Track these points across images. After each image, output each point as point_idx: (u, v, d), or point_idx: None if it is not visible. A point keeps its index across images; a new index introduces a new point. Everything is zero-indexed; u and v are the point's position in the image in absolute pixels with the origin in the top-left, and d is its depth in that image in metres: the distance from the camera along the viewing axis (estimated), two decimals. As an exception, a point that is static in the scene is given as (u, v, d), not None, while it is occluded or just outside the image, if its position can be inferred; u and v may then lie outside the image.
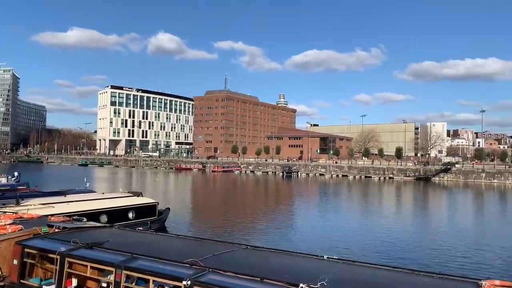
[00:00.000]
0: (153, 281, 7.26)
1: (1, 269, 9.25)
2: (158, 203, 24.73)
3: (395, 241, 22.98)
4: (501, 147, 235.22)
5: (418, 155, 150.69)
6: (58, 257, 8.45)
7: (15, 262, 9.16)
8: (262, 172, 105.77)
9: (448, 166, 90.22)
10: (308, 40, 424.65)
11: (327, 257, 8.56)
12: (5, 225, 10.65)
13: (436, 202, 50.80)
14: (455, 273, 10.12)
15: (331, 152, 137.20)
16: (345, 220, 32.04)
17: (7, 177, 37.85)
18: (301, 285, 6.19)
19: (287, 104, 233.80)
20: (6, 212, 14.02)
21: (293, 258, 9.00)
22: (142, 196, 25.74)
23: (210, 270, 7.12)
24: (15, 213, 13.59)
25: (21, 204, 17.75)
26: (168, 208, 26.94)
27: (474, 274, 13.66)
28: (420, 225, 31.16)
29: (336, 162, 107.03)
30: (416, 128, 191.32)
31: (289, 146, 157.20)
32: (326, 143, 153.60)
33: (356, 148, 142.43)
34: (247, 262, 8.00)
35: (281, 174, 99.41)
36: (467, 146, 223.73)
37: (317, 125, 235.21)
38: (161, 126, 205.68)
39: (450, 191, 65.13)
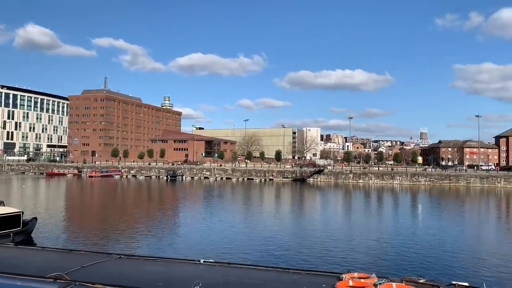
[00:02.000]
0: None
1: None
2: (22, 212, 22.29)
3: (274, 240, 24.14)
4: (366, 150, 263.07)
5: (296, 157, 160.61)
6: None
7: None
8: (145, 176, 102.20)
9: (321, 168, 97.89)
10: (193, 43, 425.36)
11: (203, 261, 8.60)
12: None
13: (310, 201, 54.70)
14: (320, 269, 10.99)
15: (216, 155, 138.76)
16: (227, 222, 32.60)
17: None
18: None
19: (172, 106, 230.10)
20: None
21: (169, 264, 8.85)
22: (4, 205, 22.91)
23: (77, 283, 6.62)
24: None
25: None
26: (35, 218, 24.46)
27: (339, 268, 14.99)
28: (296, 223, 33.25)
29: (220, 165, 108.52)
30: (294, 133, 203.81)
31: (174, 149, 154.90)
32: (211, 147, 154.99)
33: (239, 151, 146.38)
34: (119, 273, 7.64)
35: (165, 178, 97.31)
36: (338, 150, 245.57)
37: (202, 128, 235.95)
38: (30, 127, 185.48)
39: (322, 191, 70.80)
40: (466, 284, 7.08)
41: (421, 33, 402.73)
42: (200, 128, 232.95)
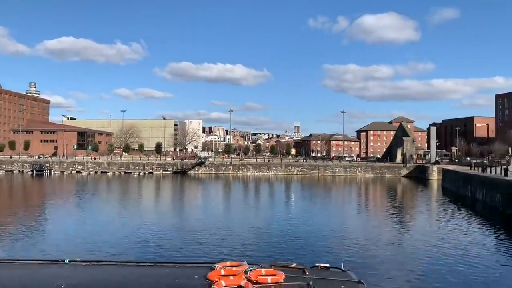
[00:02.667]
0: None
1: None
2: None
3: (149, 234, 23.51)
4: (246, 142, 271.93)
5: (177, 150, 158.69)
6: None
7: None
8: (6, 171, 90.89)
9: (202, 160, 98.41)
10: (64, 26, 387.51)
11: (68, 261, 7.97)
12: None
13: (190, 194, 54.67)
14: (194, 260, 11.03)
15: (90, 147, 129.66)
16: (98, 218, 30.86)
17: None
18: None
19: (39, 94, 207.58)
20: None
21: (28, 266, 8.02)
22: None
23: None
24: None
25: None
26: None
27: (214, 258, 15.26)
28: (174, 216, 32.91)
29: (94, 158, 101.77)
30: (175, 125, 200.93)
31: (41, 141, 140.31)
32: (84, 138, 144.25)
33: (116, 144, 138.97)
34: None
35: (30, 172, 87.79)
36: (219, 142, 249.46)
37: (74, 118, 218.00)
38: None
39: (203, 183, 71.33)
40: (327, 265, 7.75)
41: (296, 32, 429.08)
42: (71, 118, 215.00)
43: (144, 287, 5.94)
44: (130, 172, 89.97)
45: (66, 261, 7.97)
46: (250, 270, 6.71)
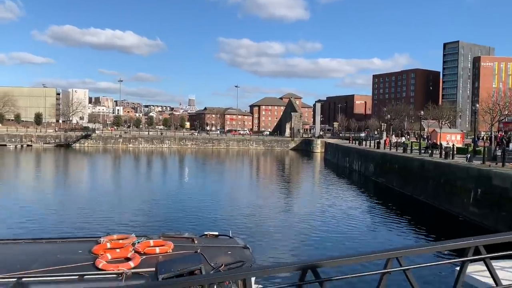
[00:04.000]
0: None
1: None
2: None
3: (25, 212, 21.62)
4: (137, 114, 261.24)
5: (60, 121, 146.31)
6: None
7: None
8: None
9: (89, 133, 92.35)
10: None
11: None
12: None
13: (74, 168, 51.16)
14: (78, 235, 10.61)
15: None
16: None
17: None
18: None
19: None
20: None
21: None
22: None
23: None
24: None
25: None
26: None
27: (100, 233, 14.70)
28: (55, 192, 30.64)
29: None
30: (58, 94, 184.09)
31: None
32: None
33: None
34: None
35: None
36: (108, 114, 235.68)
37: None
38: None
39: (90, 156, 67.27)
40: (216, 233, 8.09)
41: (192, 2, 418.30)
42: None
43: (23, 264, 5.60)
44: (5, 145, 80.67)
45: None
46: (138, 242, 6.73)
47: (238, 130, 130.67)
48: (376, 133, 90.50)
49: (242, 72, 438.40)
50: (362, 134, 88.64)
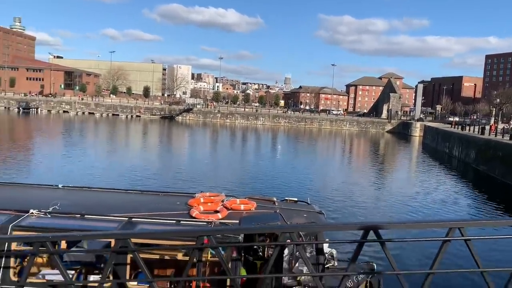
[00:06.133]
0: None
1: None
2: None
3: (138, 171, 24.72)
4: (235, 91, 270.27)
5: (165, 95, 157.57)
6: None
7: None
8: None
9: (191, 107, 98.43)
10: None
11: (62, 186, 8.81)
12: None
13: (179, 137, 55.62)
14: (177, 190, 12.09)
15: (77, 88, 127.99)
16: (89, 154, 31.96)
17: None
18: (31, 210, 6.39)
19: (24, 30, 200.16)
20: None
21: (25, 189, 8.89)
22: None
23: None
24: None
25: None
26: None
27: (197, 189, 16.52)
28: (164, 156, 34.17)
29: (82, 99, 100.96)
30: (164, 69, 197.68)
31: (27, 79, 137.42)
32: (72, 78, 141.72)
33: (104, 85, 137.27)
34: None
35: (16, 110, 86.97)
36: (208, 89, 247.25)
37: (61, 57, 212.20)
38: None
39: (191, 128, 72.19)
40: (295, 198, 8.76)
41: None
42: (58, 57, 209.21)
43: (129, 208, 6.82)
44: (118, 115, 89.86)
45: (60, 186, 8.84)
46: (226, 200, 7.67)
47: (332, 110, 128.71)
48: (479, 118, 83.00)
49: (340, 50, 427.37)
50: (468, 119, 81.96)
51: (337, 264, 7.61)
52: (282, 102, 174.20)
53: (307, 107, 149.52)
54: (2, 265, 5.81)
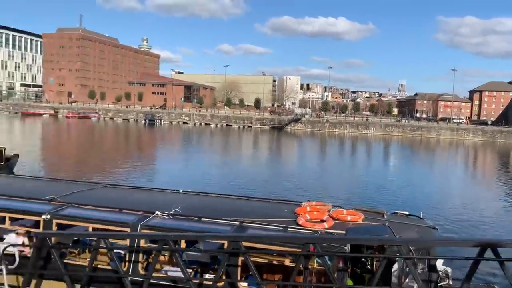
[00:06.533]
0: (10, 217, 7.38)
1: None
2: (4, 148, 22.68)
3: (251, 178, 25.92)
4: (344, 100, 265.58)
5: (275, 106, 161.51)
6: None
7: None
8: (123, 119, 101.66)
9: (299, 117, 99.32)
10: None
11: (182, 191, 9.67)
12: None
13: (288, 146, 56.50)
14: (284, 198, 12.34)
15: (195, 100, 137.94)
16: (206, 161, 34.34)
17: None
18: (156, 212, 7.15)
19: (150, 49, 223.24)
20: None
21: (151, 192, 9.95)
22: (-16, 142, 23.23)
23: (70, 205, 7.56)
24: None
25: None
26: (17, 154, 24.88)
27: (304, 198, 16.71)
28: (274, 164, 35.11)
29: (199, 111, 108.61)
30: (274, 81, 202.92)
31: (153, 93, 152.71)
32: (191, 92, 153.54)
33: (219, 98, 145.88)
34: (106, 197, 8.64)
35: (143, 121, 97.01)
36: (317, 99, 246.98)
37: (181, 72, 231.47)
38: (2, 65, 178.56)
39: (299, 138, 72.83)
40: (406, 212, 8.36)
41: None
42: (179, 73, 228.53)
43: (240, 213, 7.22)
44: (231, 125, 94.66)
45: (180, 191, 9.71)
46: (333, 210, 7.66)
47: (452, 118, 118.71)
48: None
49: (462, 53, 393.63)
50: None
51: (452, 283, 7.07)
52: (395, 111, 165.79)
53: (424, 115, 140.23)
54: (133, 260, 6.60)
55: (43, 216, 7.05)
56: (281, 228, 6.61)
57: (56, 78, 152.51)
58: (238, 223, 6.79)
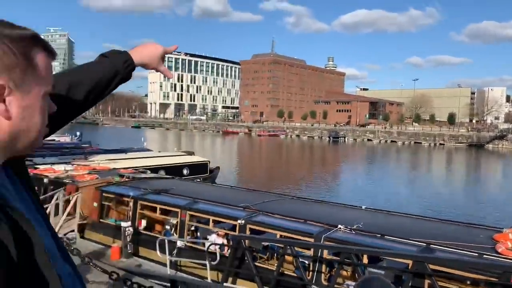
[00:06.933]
0: (213, 220, 8.60)
1: (83, 210, 10.98)
2: (209, 161, 26.29)
3: (441, 200, 23.73)
4: None
5: (474, 121, 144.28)
6: (131, 200, 9.97)
7: (95, 204, 10.86)
8: (308, 136, 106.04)
9: (504, 133, 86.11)
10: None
11: (364, 207, 9.55)
12: (83, 174, 12.46)
13: (488, 169, 49.48)
14: (480, 223, 10.86)
15: (381, 117, 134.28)
16: (391, 180, 33.00)
17: (71, 136, 40.99)
18: (339, 225, 7.24)
19: (335, 67, 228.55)
20: (79, 164, 15.97)
21: (334, 207, 10.12)
22: (194, 155, 27.41)
23: (261, 212, 8.33)
24: (88, 165, 15.51)
25: (89, 160, 19.78)
26: (218, 167, 28.52)
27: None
28: (469, 188, 31.20)
29: (385, 128, 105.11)
30: (472, 93, 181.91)
31: (337, 110, 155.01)
32: (376, 108, 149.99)
33: (406, 114, 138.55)
34: (292, 208, 9.17)
35: (327, 139, 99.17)
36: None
37: (366, 89, 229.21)
38: (208, 90, 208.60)
39: (504, 158, 62.89)
40: None
41: None
42: (364, 89, 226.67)
43: (427, 235, 6.70)
44: (420, 143, 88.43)
45: (363, 207, 9.61)
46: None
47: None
48: None
49: None
50: None
51: None
52: None
53: None
54: (316, 269, 6.82)
55: (239, 221, 7.95)
56: (475, 254, 5.88)
57: (250, 100, 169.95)
58: (424, 244, 6.32)
